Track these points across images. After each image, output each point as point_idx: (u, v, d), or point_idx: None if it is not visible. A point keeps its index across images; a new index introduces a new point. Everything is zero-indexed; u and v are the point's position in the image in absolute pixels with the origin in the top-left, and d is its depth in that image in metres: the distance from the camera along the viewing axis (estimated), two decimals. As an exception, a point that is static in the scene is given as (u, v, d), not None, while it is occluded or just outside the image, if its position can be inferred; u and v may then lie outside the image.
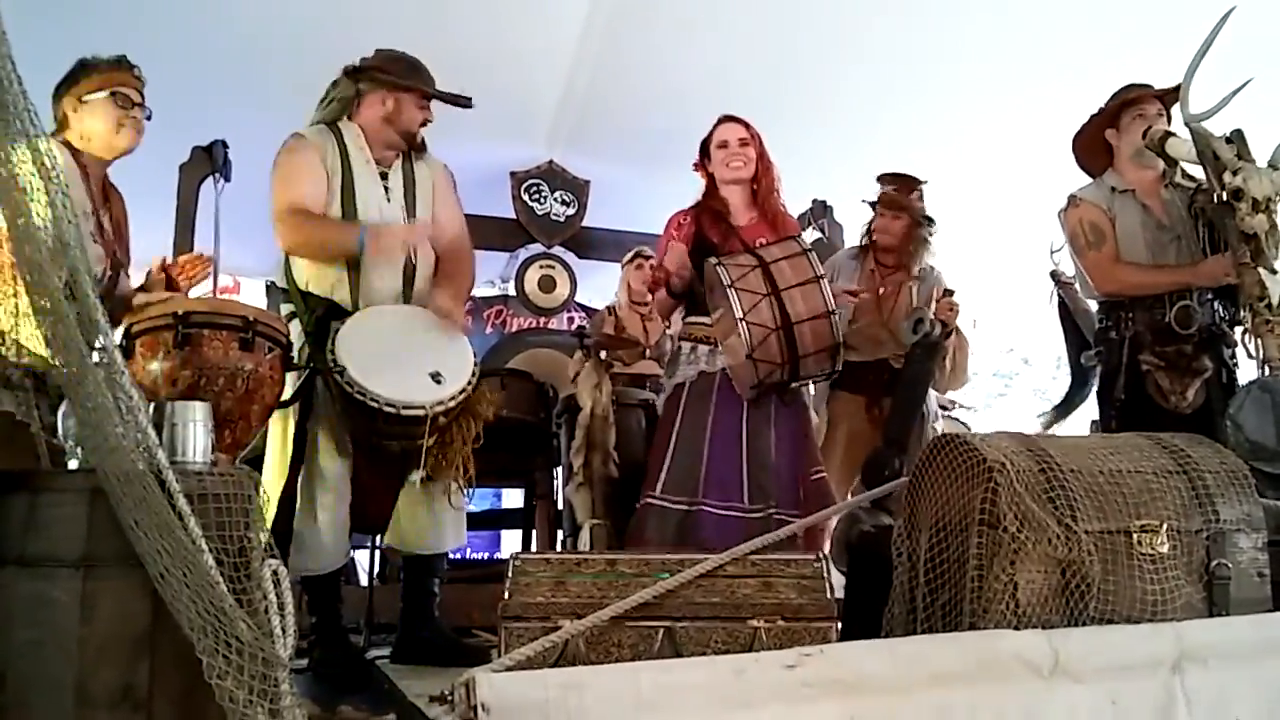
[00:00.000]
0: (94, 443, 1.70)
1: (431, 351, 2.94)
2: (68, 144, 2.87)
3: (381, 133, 3.19)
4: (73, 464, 1.98)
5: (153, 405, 1.84)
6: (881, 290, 4.03)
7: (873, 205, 4.14)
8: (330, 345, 2.85)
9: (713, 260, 3.17)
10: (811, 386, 3.84)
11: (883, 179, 4.14)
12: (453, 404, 2.87)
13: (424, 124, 3.25)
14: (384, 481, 3.11)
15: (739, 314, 2.97)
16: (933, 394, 4.13)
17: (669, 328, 4.08)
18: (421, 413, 2.80)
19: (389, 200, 3.17)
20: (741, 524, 3.20)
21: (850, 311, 3.88)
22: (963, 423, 5.67)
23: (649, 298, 4.27)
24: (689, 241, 3.47)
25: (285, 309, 3.16)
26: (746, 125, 3.56)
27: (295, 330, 3.05)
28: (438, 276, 3.22)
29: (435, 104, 3.32)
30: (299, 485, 3.00)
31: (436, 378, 2.88)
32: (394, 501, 3.16)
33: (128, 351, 2.53)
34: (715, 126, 3.58)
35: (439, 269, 3.24)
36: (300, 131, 3.18)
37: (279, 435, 3.08)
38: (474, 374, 2.97)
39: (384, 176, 3.19)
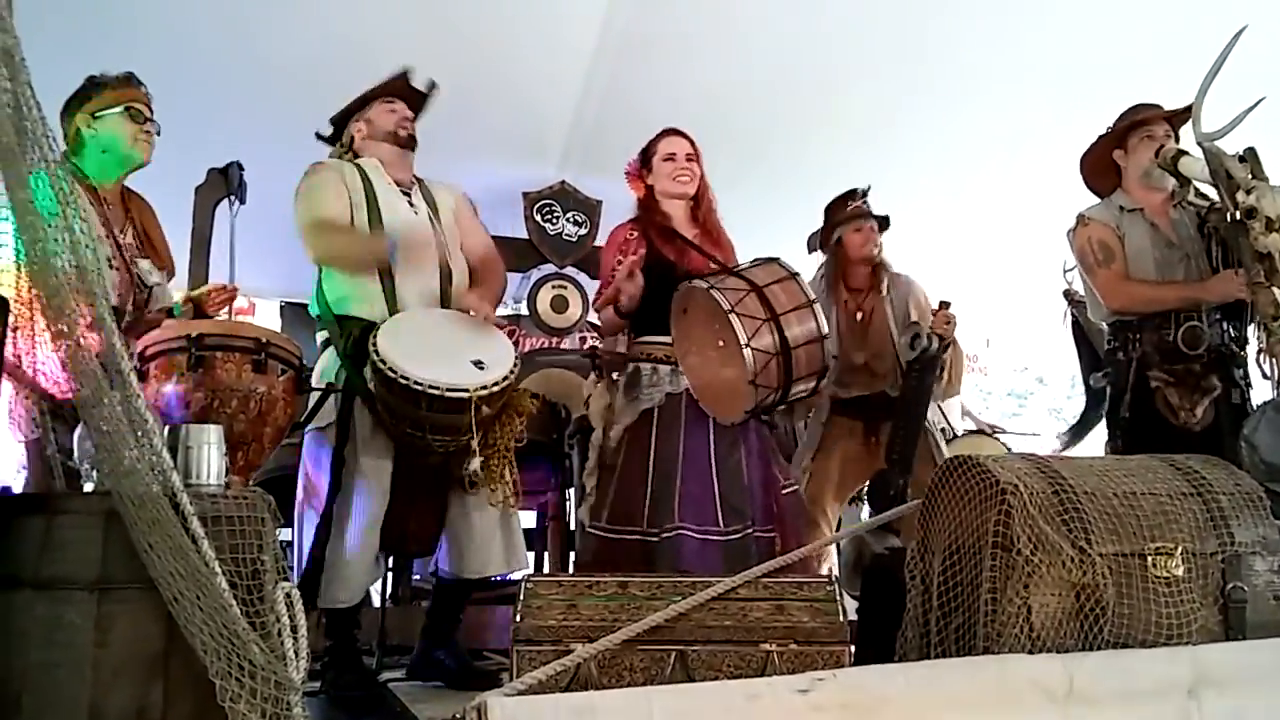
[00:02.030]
0: (109, 465, 1.71)
1: (472, 343, 2.97)
2: (77, 170, 2.89)
3: (381, 152, 3.23)
4: (88, 487, 1.99)
5: (166, 428, 1.85)
6: (859, 315, 3.99)
7: (838, 242, 4.00)
8: (372, 343, 2.85)
9: (703, 283, 3.07)
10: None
11: (833, 206, 4.05)
12: (496, 389, 2.86)
13: (403, 122, 3.25)
14: (425, 503, 3.12)
15: (743, 340, 2.92)
16: (953, 406, 4.14)
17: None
18: (466, 395, 2.79)
19: (415, 213, 3.20)
20: (720, 547, 3.13)
21: (835, 345, 3.80)
22: (988, 431, 5.64)
23: None
24: (639, 259, 3.35)
25: (320, 336, 3.20)
26: (692, 141, 3.51)
27: (329, 355, 3.09)
28: (471, 284, 3.26)
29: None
30: (333, 513, 2.96)
31: (479, 364, 2.90)
32: (436, 523, 3.16)
33: (142, 374, 2.55)
34: (660, 138, 3.52)
35: (472, 279, 3.28)
36: (320, 161, 3.24)
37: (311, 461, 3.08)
38: (515, 365, 2.97)
39: (405, 194, 3.23)
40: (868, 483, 3.79)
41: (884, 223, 4.01)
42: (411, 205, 3.21)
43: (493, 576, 3.29)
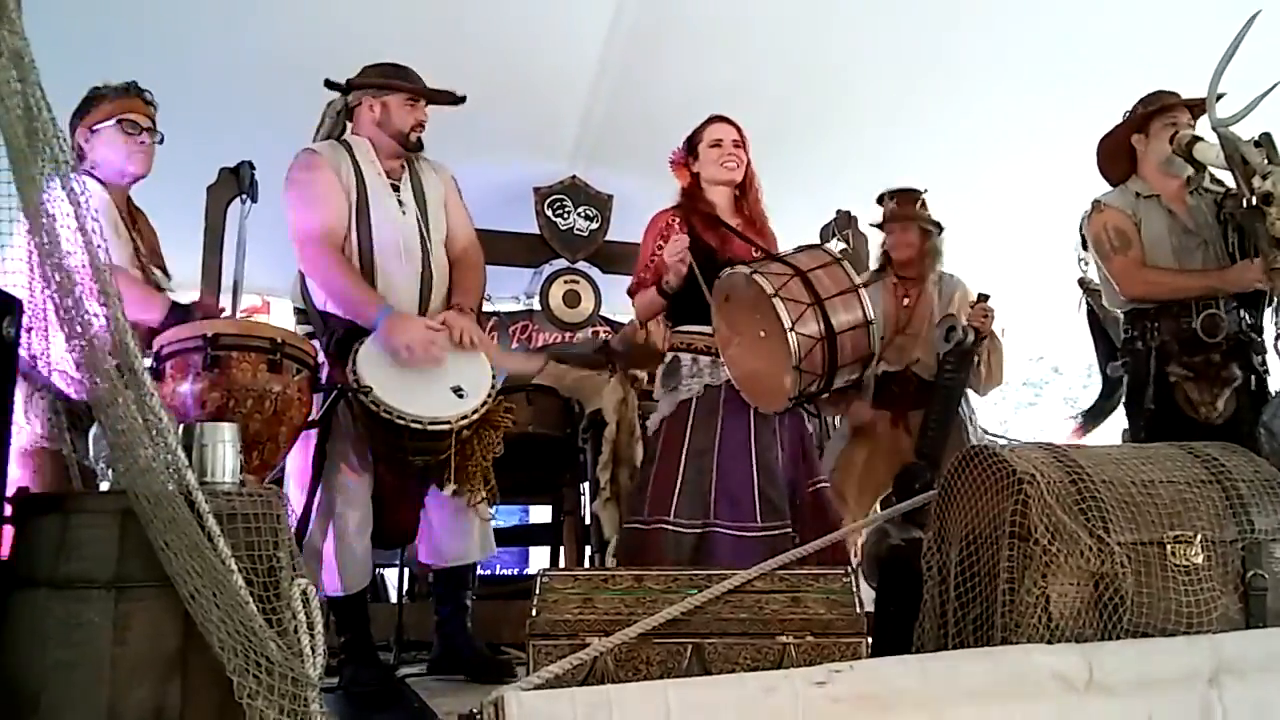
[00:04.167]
0: (124, 464, 1.71)
1: (452, 366, 2.97)
2: (91, 173, 2.92)
3: (381, 141, 3.20)
4: (104, 486, 2.00)
5: (182, 427, 1.86)
6: (905, 301, 4.02)
7: (881, 226, 4.16)
8: (352, 366, 2.86)
9: (745, 269, 3.01)
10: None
11: (884, 198, 4.16)
12: (475, 416, 2.90)
13: (417, 126, 3.22)
14: (407, 495, 3.14)
15: (788, 324, 2.85)
16: (974, 399, 4.12)
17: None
18: (447, 427, 2.83)
19: (403, 213, 3.17)
20: (757, 544, 3.07)
21: (879, 330, 3.85)
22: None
23: None
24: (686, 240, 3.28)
25: (303, 329, 3.19)
26: (739, 128, 3.47)
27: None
28: (451, 288, 3.23)
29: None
30: (315, 505, 3.00)
31: (459, 392, 2.92)
32: (418, 514, 3.19)
33: (158, 374, 2.56)
34: (707, 124, 3.48)
35: (451, 279, 3.25)
36: (313, 147, 3.18)
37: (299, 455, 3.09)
38: (493, 386, 2.99)
39: (395, 189, 3.19)
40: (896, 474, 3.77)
41: (937, 226, 4.09)
42: (401, 203, 3.18)
43: (476, 564, 3.34)
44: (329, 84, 3.26)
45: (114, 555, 1.69)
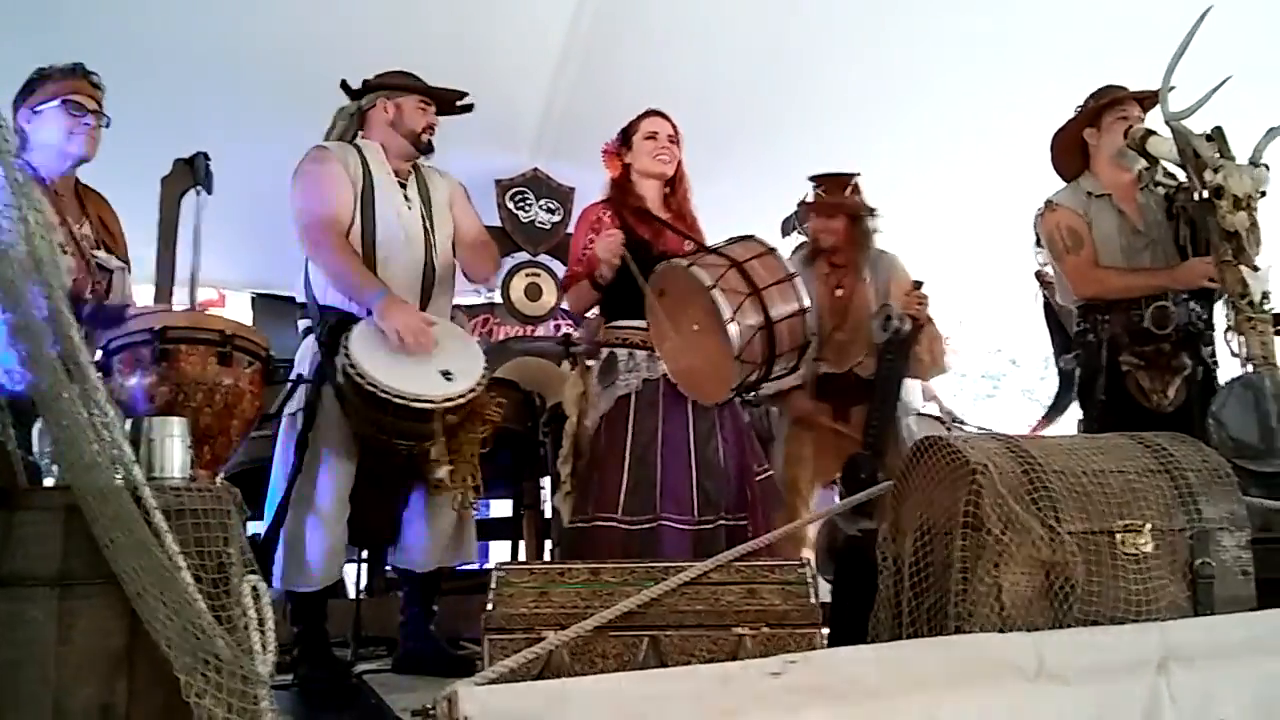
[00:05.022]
0: (69, 460, 1.68)
1: (442, 351, 2.97)
2: (27, 161, 2.85)
3: (393, 142, 3.24)
4: (49, 481, 1.96)
5: (130, 421, 1.83)
6: (839, 292, 3.99)
7: (807, 206, 4.04)
8: (344, 345, 2.86)
9: (682, 261, 3.02)
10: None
11: (813, 180, 4.05)
12: (462, 401, 2.89)
13: (428, 128, 3.26)
14: (387, 494, 3.14)
15: (727, 315, 2.86)
16: (914, 387, 4.13)
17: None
18: (431, 406, 2.82)
19: (409, 208, 3.21)
20: (694, 536, 3.13)
21: (813, 318, 3.84)
22: (945, 420, 5.64)
23: None
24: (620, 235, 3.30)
25: (303, 324, 3.24)
26: (674, 124, 3.49)
27: (309, 344, 3.12)
28: (456, 279, 3.30)
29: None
30: (294, 497, 2.99)
31: (447, 375, 2.91)
32: (396, 515, 3.17)
33: (106, 368, 2.52)
34: (644, 117, 3.50)
35: (454, 276, 3.32)
36: (323, 144, 3.23)
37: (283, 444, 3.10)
38: (484, 375, 2.98)
39: (402, 186, 3.24)
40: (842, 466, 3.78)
41: (870, 210, 3.99)
42: (406, 199, 3.22)
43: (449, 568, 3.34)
44: (345, 87, 3.30)
45: (58, 552, 1.66)
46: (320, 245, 3.05)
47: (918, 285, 3.72)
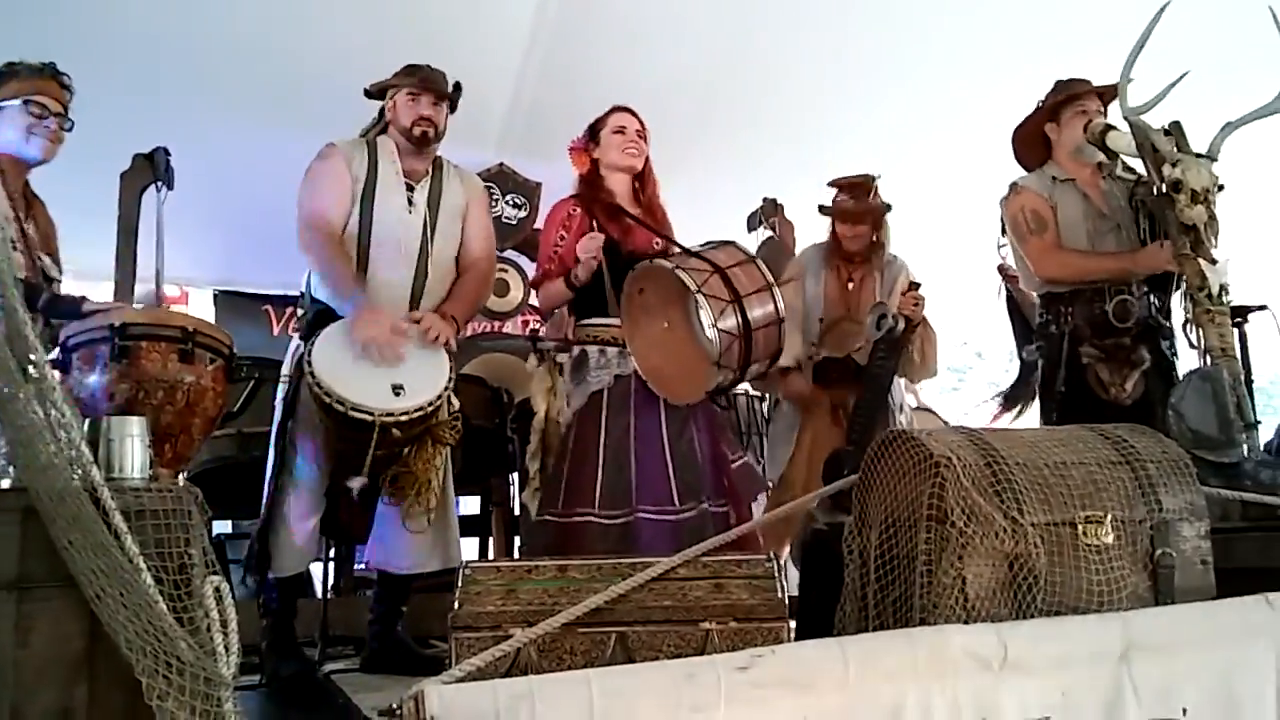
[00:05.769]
0: (26, 460, 1.66)
1: (407, 365, 2.91)
2: None
3: (399, 140, 3.22)
4: (5, 483, 1.93)
5: (88, 421, 1.80)
6: (850, 284, 4.04)
7: (826, 210, 4.11)
8: (311, 342, 2.86)
9: (667, 263, 3.05)
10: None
11: (836, 186, 4.10)
12: (405, 419, 2.81)
13: (420, 120, 3.19)
14: (360, 492, 3.06)
15: (710, 320, 2.91)
16: (901, 385, 4.16)
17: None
18: (369, 419, 2.76)
19: (410, 211, 3.16)
20: (676, 526, 3.15)
21: (821, 307, 3.89)
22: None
23: None
24: (582, 235, 3.33)
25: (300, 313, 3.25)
26: (642, 121, 3.51)
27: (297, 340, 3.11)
28: (451, 290, 3.22)
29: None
30: (274, 485, 3.01)
31: (397, 390, 2.84)
32: (364, 514, 3.14)
33: (65, 365, 2.48)
34: (611, 113, 3.52)
35: (451, 287, 3.24)
36: (334, 141, 3.20)
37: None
38: (440, 396, 2.91)
39: (410, 189, 3.18)
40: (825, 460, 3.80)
41: (887, 207, 4.08)
42: (410, 202, 3.16)
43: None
44: (368, 93, 3.32)
45: (15, 554, 1.64)
46: (309, 243, 3.05)
47: (915, 286, 3.77)
